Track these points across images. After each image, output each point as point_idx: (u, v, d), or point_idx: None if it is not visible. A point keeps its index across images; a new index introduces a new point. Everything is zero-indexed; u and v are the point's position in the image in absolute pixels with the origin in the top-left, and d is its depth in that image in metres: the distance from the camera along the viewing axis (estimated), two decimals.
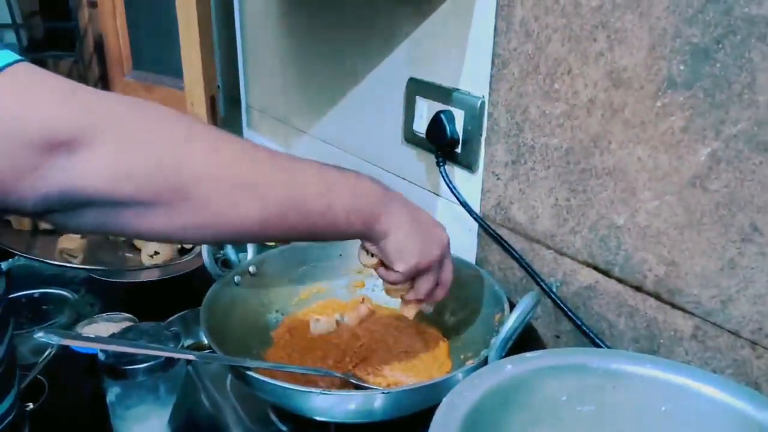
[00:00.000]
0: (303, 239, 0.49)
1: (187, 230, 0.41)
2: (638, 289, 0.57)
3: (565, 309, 0.63)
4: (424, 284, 0.55)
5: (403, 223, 0.51)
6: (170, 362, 0.69)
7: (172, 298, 0.99)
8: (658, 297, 0.55)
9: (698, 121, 0.49)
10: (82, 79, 1.64)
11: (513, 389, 0.44)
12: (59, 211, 0.38)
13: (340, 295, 0.75)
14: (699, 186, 0.50)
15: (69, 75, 1.92)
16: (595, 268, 0.60)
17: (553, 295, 0.64)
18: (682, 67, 0.50)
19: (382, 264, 0.54)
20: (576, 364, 0.46)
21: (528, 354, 0.47)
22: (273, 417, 0.59)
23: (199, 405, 0.63)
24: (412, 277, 0.54)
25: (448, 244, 0.55)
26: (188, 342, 0.85)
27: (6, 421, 0.53)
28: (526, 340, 0.68)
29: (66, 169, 0.35)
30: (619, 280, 0.58)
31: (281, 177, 0.44)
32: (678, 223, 0.52)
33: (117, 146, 0.36)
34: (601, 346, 0.60)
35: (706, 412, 0.43)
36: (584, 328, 0.61)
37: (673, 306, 0.54)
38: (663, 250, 0.54)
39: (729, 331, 0.50)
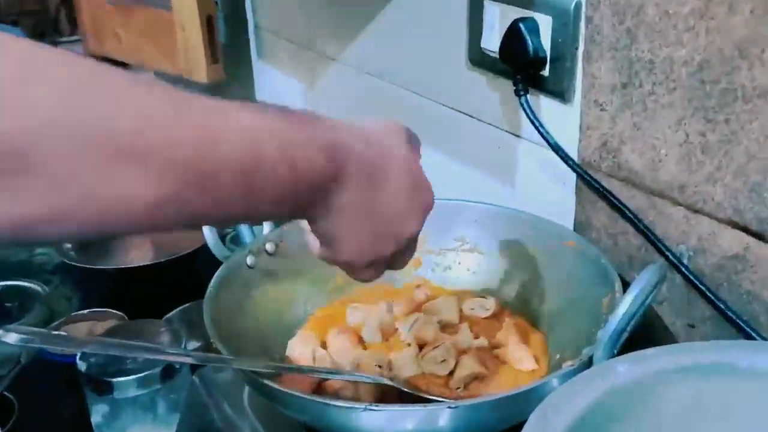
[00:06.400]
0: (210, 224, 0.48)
1: (32, 224, 0.33)
2: None
3: (702, 288, 0.62)
4: (362, 274, 0.55)
5: (352, 205, 0.48)
6: (170, 371, 0.72)
7: (170, 287, 1.02)
8: None
9: None
10: None
11: (628, 399, 0.43)
12: None
13: (390, 278, 0.76)
14: None
15: None
16: (745, 229, 0.59)
17: (684, 269, 0.63)
18: None
19: None
20: (715, 363, 0.45)
21: (648, 351, 0.46)
22: None
23: (209, 426, 0.65)
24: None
25: (413, 235, 0.54)
26: (193, 344, 0.88)
27: None
28: (646, 333, 0.67)
29: None
30: None
31: (188, 131, 0.37)
32: None
33: None
34: (753, 338, 0.58)
35: None
36: (729, 313, 0.60)
37: None
38: None
39: None
